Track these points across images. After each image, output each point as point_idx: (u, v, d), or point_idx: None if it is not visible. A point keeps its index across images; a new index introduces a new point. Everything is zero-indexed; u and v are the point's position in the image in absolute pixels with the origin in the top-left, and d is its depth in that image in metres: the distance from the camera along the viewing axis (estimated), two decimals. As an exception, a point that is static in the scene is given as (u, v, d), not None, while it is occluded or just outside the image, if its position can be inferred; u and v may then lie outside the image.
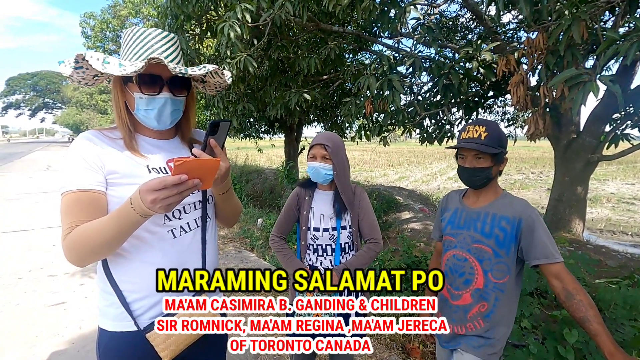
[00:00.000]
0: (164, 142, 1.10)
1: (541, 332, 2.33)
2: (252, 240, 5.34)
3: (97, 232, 0.88)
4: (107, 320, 1.01)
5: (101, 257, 0.95)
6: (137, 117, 1.02)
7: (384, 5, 3.37)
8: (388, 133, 4.42)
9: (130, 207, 0.82)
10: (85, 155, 0.95)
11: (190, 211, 1.08)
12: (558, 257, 1.23)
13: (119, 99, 1.01)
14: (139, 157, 1.01)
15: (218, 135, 0.96)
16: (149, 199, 0.78)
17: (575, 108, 2.22)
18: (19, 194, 8.82)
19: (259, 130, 9.58)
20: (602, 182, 15.23)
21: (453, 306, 1.42)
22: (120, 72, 0.91)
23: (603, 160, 4.18)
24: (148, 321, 1.00)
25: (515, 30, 5.59)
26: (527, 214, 1.28)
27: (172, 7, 4.07)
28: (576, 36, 2.27)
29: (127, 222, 0.85)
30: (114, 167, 0.97)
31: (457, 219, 1.45)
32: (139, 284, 1.00)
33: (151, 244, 1.00)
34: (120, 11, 17.03)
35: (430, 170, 20.33)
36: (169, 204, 0.80)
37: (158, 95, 0.99)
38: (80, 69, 0.96)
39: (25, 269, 4.06)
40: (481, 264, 1.35)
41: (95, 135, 1.00)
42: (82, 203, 0.93)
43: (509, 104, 6.76)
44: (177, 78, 1.01)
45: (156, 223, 1.01)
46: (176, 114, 1.05)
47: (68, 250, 0.91)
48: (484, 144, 1.29)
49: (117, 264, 1.00)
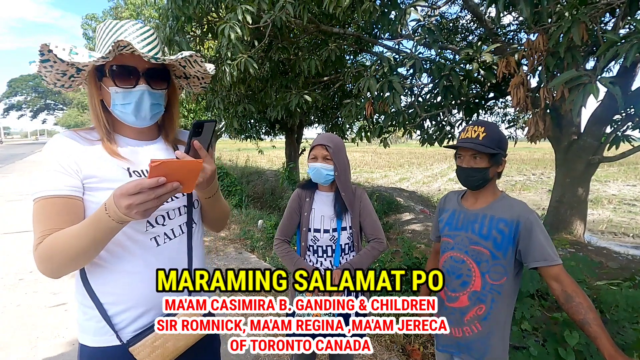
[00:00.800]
0: (145, 142, 1.03)
1: (542, 334, 2.32)
2: (252, 242, 5.34)
3: (71, 240, 0.81)
4: (88, 335, 0.95)
5: (77, 268, 0.88)
6: (115, 113, 0.95)
7: (385, 7, 3.38)
8: (388, 134, 4.42)
9: (105, 213, 0.76)
10: (59, 158, 0.88)
11: (174, 217, 1.02)
12: (557, 260, 1.23)
13: (95, 97, 0.94)
14: (119, 160, 0.94)
15: (202, 136, 0.89)
16: (124, 205, 0.71)
17: (576, 110, 2.21)
18: (21, 195, 8.84)
19: (259, 132, 9.61)
20: (603, 184, 15.20)
21: (449, 308, 1.41)
22: (88, 61, 0.85)
23: (604, 161, 4.18)
24: (132, 334, 0.94)
25: (515, 31, 5.59)
26: (525, 216, 1.27)
27: (173, 8, 4.08)
28: (576, 38, 2.27)
29: (103, 230, 0.78)
30: (91, 171, 0.90)
31: (455, 221, 1.45)
32: (120, 295, 0.94)
33: (133, 252, 0.94)
34: (122, 13, 17.07)
35: (431, 171, 20.32)
36: (146, 209, 0.73)
37: (134, 88, 0.92)
38: (47, 63, 0.87)
39: (26, 270, 4.06)
40: (479, 266, 1.34)
41: (70, 137, 0.93)
42: (56, 209, 0.86)
43: (509, 106, 6.77)
44: (154, 69, 0.94)
45: (138, 230, 0.94)
46: (156, 109, 0.98)
47: (40, 261, 0.84)
48: (480, 143, 1.29)
49: (97, 274, 0.93)
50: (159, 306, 0.98)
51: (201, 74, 1.07)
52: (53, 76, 0.93)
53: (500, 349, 1.35)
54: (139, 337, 0.94)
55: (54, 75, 0.92)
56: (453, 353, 1.45)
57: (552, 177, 5.62)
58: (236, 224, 6.37)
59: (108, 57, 0.85)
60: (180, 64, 1.01)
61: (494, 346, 1.34)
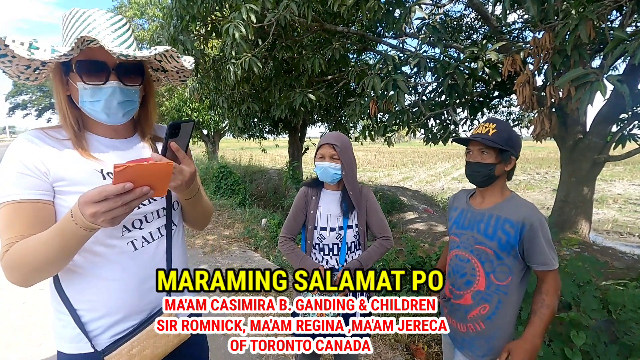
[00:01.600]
0: (120, 141, 0.97)
1: (548, 334, 2.31)
2: (256, 240, 5.35)
3: (38, 248, 0.76)
4: (64, 342, 0.92)
5: (48, 276, 0.83)
6: (85, 111, 0.89)
7: (389, 5, 3.36)
8: (392, 133, 4.40)
9: (71, 221, 0.71)
10: (25, 159, 0.81)
11: (152, 220, 0.97)
12: (553, 266, 1.26)
13: (60, 93, 0.87)
14: (92, 160, 0.88)
15: (180, 137, 0.84)
16: (89, 213, 0.66)
17: (582, 108, 2.19)
18: (26, 193, 8.90)
19: (263, 131, 9.61)
20: (609, 183, 15.08)
21: (455, 305, 1.43)
22: (49, 58, 0.78)
23: (610, 160, 4.14)
24: (107, 341, 0.91)
25: (520, 29, 5.55)
26: (531, 219, 1.27)
27: (178, 7, 4.09)
28: (583, 36, 2.25)
29: (71, 237, 0.73)
30: (61, 173, 0.84)
31: (462, 219, 1.46)
32: (95, 302, 0.90)
33: (108, 257, 0.90)
34: (126, 12, 17.13)
35: (435, 170, 20.24)
36: (113, 217, 0.68)
37: (104, 85, 0.85)
38: (5, 58, 0.80)
39: (32, 268, 4.09)
40: (483, 266, 1.35)
41: (37, 136, 0.86)
42: (24, 215, 0.80)
43: (514, 104, 6.72)
44: (126, 65, 0.87)
45: (113, 235, 0.90)
46: (129, 105, 0.91)
47: (8, 270, 0.79)
48: (489, 139, 1.29)
49: (70, 281, 0.89)
50: (137, 312, 0.95)
51: (178, 69, 1.00)
52: (15, 69, 0.85)
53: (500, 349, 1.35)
54: (115, 345, 0.91)
55: (16, 68, 0.85)
56: (457, 347, 1.45)
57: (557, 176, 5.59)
58: (240, 222, 6.39)
59: (72, 54, 0.79)
60: (155, 59, 0.94)
61: (498, 347, 1.34)
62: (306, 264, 1.59)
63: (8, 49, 0.77)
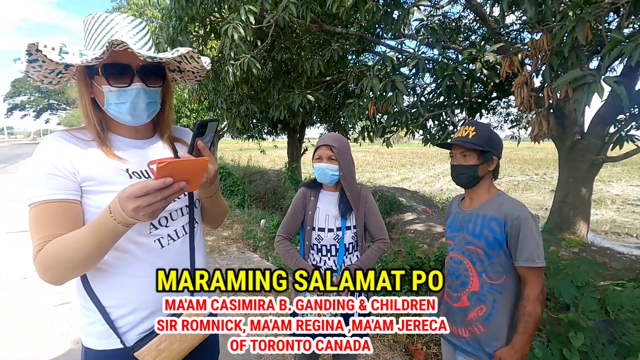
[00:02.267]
0: (142, 141, 1.00)
1: (546, 334, 2.32)
2: (255, 241, 5.35)
3: (73, 246, 0.78)
4: (92, 338, 0.94)
5: (81, 273, 0.86)
6: (109, 113, 0.91)
7: (388, 7, 3.38)
8: (391, 134, 4.41)
9: (109, 217, 0.73)
10: (53, 160, 0.84)
11: (177, 217, 1.00)
12: (535, 263, 1.25)
13: (85, 96, 0.90)
14: (117, 161, 0.91)
15: (205, 135, 0.87)
16: (131, 207, 0.69)
17: (580, 109, 2.20)
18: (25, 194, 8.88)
19: (262, 132, 9.61)
20: (607, 184, 15.12)
21: (454, 308, 1.44)
22: (80, 61, 0.80)
23: (607, 161, 4.15)
24: (136, 337, 0.93)
25: (518, 31, 5.57)
26: (514, 215, 1.28)
27: (176, 9, 4.09)
28: (580, 37, 2.26)
29: (108, 233, 0.76)
30: (89, 173, 0.86)
31: (455, 223, 1.49)
32: (124, 298, 0.92)
33: (137, 255, 0.92)
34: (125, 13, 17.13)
35: (434, 171, 20.27)
36: (153, 211, 0.71)
37: (129, 87, 0.88)
38: (35, 62, 0.83)
39: (30, 269, 4.08)
40: (474, 266, 1.36)
41: (64, 137, 0.88)
42: (54, 215, 0.82)
43: (512, 105, 6.74)
44: (149, 66, 0.90)
45: (142, 233, 0.92)
46: (152, 107, 0.94)
47: (41, 270, 0.81)
48: (469, 141, 1.33)
49: (99, 278, 0.91)
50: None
51: (196, 69, 1.03)
52: (40, 74, 0.88)
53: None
54: (144, 340, 0.92)
55: (41, 73, 0.88)
56: (458, 351, 1.45)
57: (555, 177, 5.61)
58: (239, 223, 6.39)
59: (102, 57, 0.81)
60: (175, 60, 0.97)
61: (496, 345, 1.35)
62: (300, 266, 1.60)
63: (39, 54, 0.80)
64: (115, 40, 0.78)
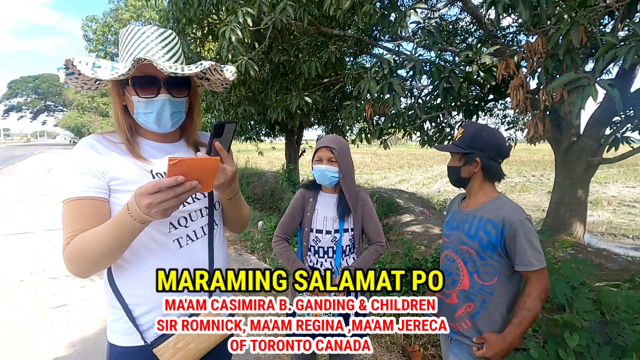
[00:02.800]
0: (168, 145, 1.05)
1: (542, 335, 2.33)
2: (252, 243, 5.34)
3: (95, 241, 0.83)
4: (117, 335, 0.98)
5: (103, 267, 0.90)
6: (138, 121, 0.98)
7: (385, 9, 3.39)
8: (388, 136, 4.43)
9: (127, 214, 0.77)
10: (86, 161, 0.91)
11: (196, 218, 1.04)
12: (535, 266, 1.26)
13: (117, 103, 0.97)
14: (143, 162, 0.97)
15: (223, 137, 0.90)
16: (144, 204, 0.73)
17: (575, 111, 2.23)
18: (21, 196, 8.84)
19: (259, 133, 9.61)
20: (603, 185, 15.20)
21: (444, 304, 1.46)
22: (110, 75, 0.87)
23: (604, 163, 4.18)
24: (155, 335, 0.97)
25: (514, 33, 5.61)
26: (512, 220, 1.28)
27: (174, 10, 4.10)
28: (575, 40, 2.28)
29: (125, 230, 0.80)
30: (116, 173, 0.93)
31: (452, 221, 1.50)
32: (145, 296, 0.96)
33: (156, 254, 0.97)
34: (122, 15, 17.10)
35: (431, 173, 20.32)
36: (165, 208, 0.74)
37: (155, 98, 0.94)
38: (72, 75, 0.91)
39: (26, 271, 4.06)
40: (466, 265, 1.38)
41: (97, 140, 0.96)
42: (83, 211, 0.89)
43: (509, 107, 6.78)
44: (175, 78, 0.95)
45: (161, 232, 0.97)
46: (177, 116, 1.00)
47: (69, 262, 0.87)
48: (454, 144, 1.39)
49: (123, 276, 0.96)
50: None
51: (221, 81, 1.08)
52: (78, 83, 0.96)
53: None
54: (163, 338, 0.96)
55: (79, 82, 0.96)
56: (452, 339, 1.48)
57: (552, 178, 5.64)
58: (236, 225, 6.37)
59: (128, 74, 0.87)
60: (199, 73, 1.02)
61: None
62: (297, 267, 1.60)
63: (74, 68, 0.87)
64: (141, 57, 0.84)
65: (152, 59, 0.85)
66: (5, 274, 3.97)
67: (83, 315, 3.12)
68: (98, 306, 3.29)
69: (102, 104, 30.76)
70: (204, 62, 0.95)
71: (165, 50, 0.96)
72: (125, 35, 0.96)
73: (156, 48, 0.94)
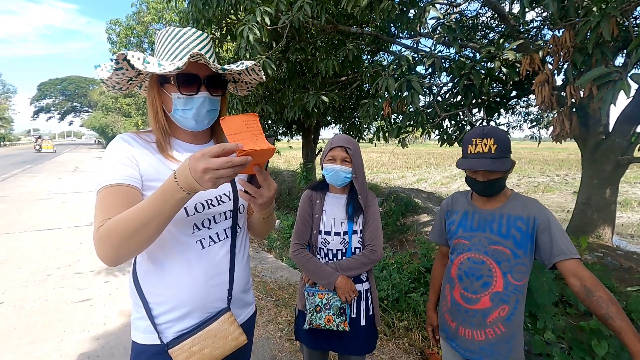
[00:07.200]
0: (198, 146, 1.07)
1: (567, 342, 2.24)
2: (269, 241, 5.38)
3: (131, 217, 0.79)
4: (138, 332, 1.00)
5: (135, 248, 0.83)
6: (174, 118, 1.01)
7: (403, 5, 3.34)
8: (406, 134, 4.36)
9: (173, 182, 0.75)
10: (123, 152, 0.94)
11: (220, 221, 1.05)
12: (575, 254, 1.21)
13: (157, 101, 0.99)
14: (171, 161, 0.99)
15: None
16: (201, 167, 0.71)
17: (605, 108, 2.12)
18: (49, 193, 9.22)
19: (276, 132, 9.66)
20: (633, 185, 14.53)
21: (470, 310, 1.39)
22: (160, 70, 0.90)
23: (634, 162, 3.99)
24: (173, 335, 0.98)
25: (539, 28, 5.41)
26: (540, 212, 1.29)
27: (194, 11, 4.16)
28: (605, 33, 2.18)
29: (169, 201, 0.77)
30: (145, 169, 0.95)
31: (469, 222, 1.43)
32: (165, 295, 0.97)
33: (179, 254, 0.98)
34: (144, 17, 17.54)
35: (450, 172, 19.93)
36: (219, 176, 0.72)
37: (196, 95, 0.97)
38: (120, 70, 0.95)
39: (53, 266, 4.23)
40: (500, 266, 1.34)
41: (131, 137, 0.99)
42: (118, 197, 0.88)
43: (532, 104, 6.56)
44: (213, 77, 0.99)
45: (185, 233, 0.98)
46: (213, 114, 1.03)
47: (100, 244, 0.82)
48: (497, 158, 1.27)
49: (146, 274, 0.99)
50: (201, 309, 1.01)
51: (254, 80, 1.11)
52: (114, 80, 0.98)
53: (519, 350, 1.34)
54: (178, 340, 0.97)
55: (115, 80, 0.98)
56: (472, 358, 1.41)
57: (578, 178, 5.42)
58: (253, 223, 6.43)
59: (182, 67, 0.89)
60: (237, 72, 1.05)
61: (516, 347, 1.33)
62: (326, 273, 1.55)
63: (124, 63, 0.91)
64: (194, 52, 0.88)
65: (205, 56, 0.90)
66: (34, 269, 4.15)
67: (106, 309, 3.22)
68: (120, 301, 3.38)
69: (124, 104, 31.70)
70: (245, 62, 1.00)
71: (205, 50, 0.99)
72: (165, 35, 0.99)
73: (196, 48, 0.97)
